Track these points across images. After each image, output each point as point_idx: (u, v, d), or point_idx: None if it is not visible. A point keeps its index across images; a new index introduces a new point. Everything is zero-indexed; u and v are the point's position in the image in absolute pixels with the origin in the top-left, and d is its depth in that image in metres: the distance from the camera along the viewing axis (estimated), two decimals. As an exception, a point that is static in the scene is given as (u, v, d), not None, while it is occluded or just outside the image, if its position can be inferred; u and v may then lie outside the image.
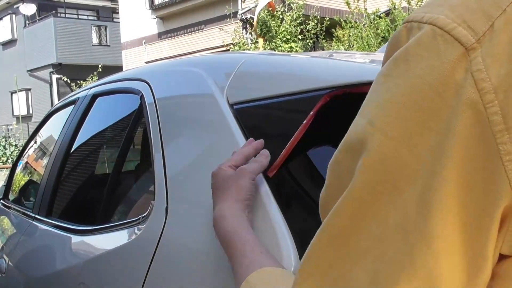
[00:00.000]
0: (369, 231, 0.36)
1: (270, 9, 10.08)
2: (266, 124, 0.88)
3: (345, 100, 0.77)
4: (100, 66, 13.55)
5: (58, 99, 16.89)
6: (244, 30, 11.06)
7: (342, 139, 0.41)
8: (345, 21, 9.89)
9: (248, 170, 0.75)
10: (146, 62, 12.06)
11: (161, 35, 13.58)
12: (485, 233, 0.34)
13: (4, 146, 13.90)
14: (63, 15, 20.16)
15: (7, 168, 10.90)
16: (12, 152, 13.55)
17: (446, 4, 0.37)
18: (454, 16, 0.36)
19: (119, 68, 13.33)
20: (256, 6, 9.93)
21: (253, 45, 10.49)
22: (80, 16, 20.98)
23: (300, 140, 0.78)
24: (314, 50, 10.96)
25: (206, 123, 0.99)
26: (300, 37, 10.35)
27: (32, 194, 2.02)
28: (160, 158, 1.06)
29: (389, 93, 0.37)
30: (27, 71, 19.98)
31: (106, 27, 20.36)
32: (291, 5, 10.39)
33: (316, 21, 10.32)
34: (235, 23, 11.07)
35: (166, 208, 0.99)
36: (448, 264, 0.34)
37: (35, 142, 2.31)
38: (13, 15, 20.78)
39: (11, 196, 2.31)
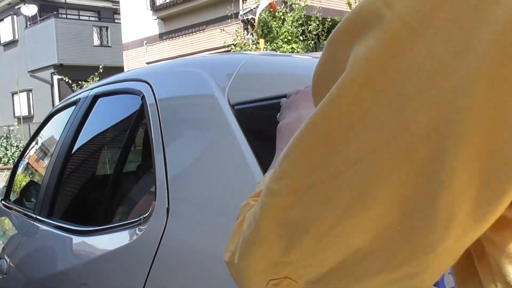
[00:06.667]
0: (364, 139, 0.29)
1: (271, 9, 10.08)
2: (267, 125, 0.87)
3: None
4: (101, 67, 13.57)
5: (59, 100, 16.88)
6: (245, 31, 11.06)
7: None
8: (346, 21, 9.88)
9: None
10: (147, 63, 12.07)
11: (162, 36, 13.59)
12: None
13: (5, 147, 13.91)
14: (64, 16, 20.17)
15: (8, 169, 10.90)
16: (13, 153, 13.56)
17: None
18: None
19: (120, 69, 13.33)
20: (257, 7, 9.93)
21: (254, 46, 10.49)
22: (81, 17, 20.99)
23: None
24: (316, 51, 10.95)
25: (207, 123, 0.99)
26: (301, 38, 10.34)
27: (33, 195, 2.02)
28: (161, 159, 1.06)
29: None
30: (28, 72, 19.99)
31: (107, 28, 20.36)
32: (293, 6, 10.39)
33: (317, 22, 10.32)
34: (236, 24, 11.07)
35: (167, 209, 0.99)
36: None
37: (36, 143, 2.31)
38: (15, 16, 20.81)
39: (12, 197, 2.31)
